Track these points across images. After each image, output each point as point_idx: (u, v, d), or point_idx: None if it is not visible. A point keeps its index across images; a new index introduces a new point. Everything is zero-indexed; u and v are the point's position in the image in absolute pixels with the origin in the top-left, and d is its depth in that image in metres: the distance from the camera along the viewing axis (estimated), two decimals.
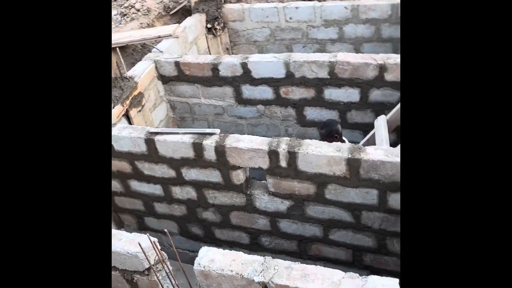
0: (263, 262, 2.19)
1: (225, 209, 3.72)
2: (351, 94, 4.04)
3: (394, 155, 2.85)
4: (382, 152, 2.91)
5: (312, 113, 4.34)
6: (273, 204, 3.48)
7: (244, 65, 4.21)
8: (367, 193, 3.06)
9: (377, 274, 2.05)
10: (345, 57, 3.92)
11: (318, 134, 4.28)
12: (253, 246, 3.88)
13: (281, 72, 4.14)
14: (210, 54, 5.48)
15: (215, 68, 4.32)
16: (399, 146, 3.32)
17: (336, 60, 3.91)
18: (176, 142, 3.39)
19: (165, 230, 2.32)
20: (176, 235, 4.15)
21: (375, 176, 2.93)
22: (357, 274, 2.04)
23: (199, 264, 2.25)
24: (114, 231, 2.58)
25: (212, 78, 4.40)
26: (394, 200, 3.01)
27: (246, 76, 4.27)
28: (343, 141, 3.60)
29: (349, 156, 2.92)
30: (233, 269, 2.17)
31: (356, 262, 3.57)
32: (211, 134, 3.35)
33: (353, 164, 2.94)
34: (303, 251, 3.72)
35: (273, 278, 2.09)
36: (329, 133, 3.54)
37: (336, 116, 4.24)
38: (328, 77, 4.00)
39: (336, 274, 2.06)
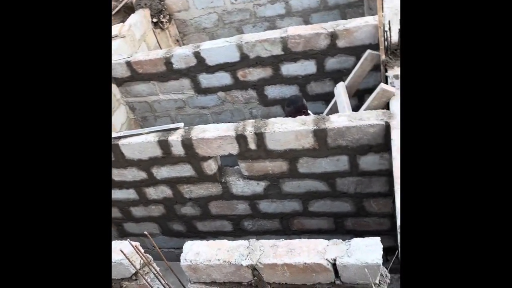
0: (248, 245, 2.20)
1: (203, 201, 3.70)
2: (308, 66, 4.06)
3: (357, 119, 2.91)
4: (346, 118, 2.96)
5: (273, 91, 4.35)
6: (250, 187, 3.49)
7: (197, 54, 4.14)
8: (338, 160, 3.12)
9: (360, 236, 2.09)
10: (296, 30, 3.92)
11: (282, 112, 4.30)
12: (237, 232, 3.90)
13: (235, 55, 4.10)
14: (160, 48, 5.36)
15: (168, 62, 4.23)
16: (361, 110, 3.38)
17: (287, 35, 3.90)
18: (141, 143, 3.32)
19: (145, 232, 2.29)
20: (158, 235, 4.11)
21: (342, 142, 2.98)
22: (340, 240, 2.09)
23: (185, 259, 2.24)
24: None
25: (167, 72, 4.31)
26: (365, 162, 3.08)
27: (201, 65, 4.21)
28: (308, 115, 3.63)
29: (315, 127, 2.95)
30: (220, 258, 2.18)
31: (339, 229, 3.65)
32: (175, 129, 3.30)
33: (319, 134, 2.97)
34: (286, 228, 3.77)
35: (260, 259, 2.11)
36: (297, 109, 3.56)
37: (297, 91, 4.26)
38: (283, 53, 4.00)
39: (320, 243, 2.09)
